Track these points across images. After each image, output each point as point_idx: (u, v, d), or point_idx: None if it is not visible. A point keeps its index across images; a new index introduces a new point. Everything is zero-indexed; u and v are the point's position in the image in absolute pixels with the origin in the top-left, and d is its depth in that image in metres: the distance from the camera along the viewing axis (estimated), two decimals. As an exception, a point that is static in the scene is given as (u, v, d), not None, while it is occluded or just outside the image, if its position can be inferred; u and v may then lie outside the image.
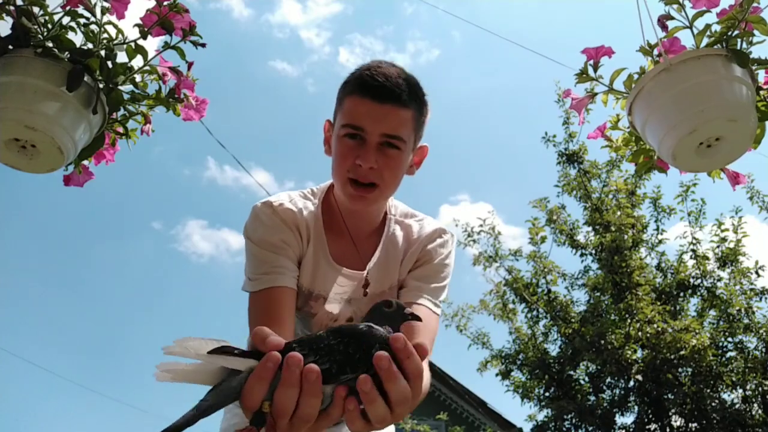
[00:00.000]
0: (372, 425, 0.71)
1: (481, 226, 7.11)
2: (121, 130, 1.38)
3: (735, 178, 1.43)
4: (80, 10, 1.18)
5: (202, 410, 0.66)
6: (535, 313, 6.90)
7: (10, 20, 1.15)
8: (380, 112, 1.18)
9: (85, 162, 1.38)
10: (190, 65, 1.35)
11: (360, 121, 1.19)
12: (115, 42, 1.22)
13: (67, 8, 1.16)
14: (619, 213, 6.47)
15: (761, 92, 1.28)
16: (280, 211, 1.27)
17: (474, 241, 7.10)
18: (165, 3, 1.21)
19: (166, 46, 1.27)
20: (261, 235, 1.25)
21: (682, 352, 5.85)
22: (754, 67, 1.24)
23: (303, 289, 1.32)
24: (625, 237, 6.35)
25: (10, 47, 1.15)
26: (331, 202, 1.35)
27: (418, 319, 0.80)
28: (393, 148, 1.20)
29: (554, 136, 6.89)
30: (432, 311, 1.31)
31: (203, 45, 1.28)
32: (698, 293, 6.56)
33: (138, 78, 1.30)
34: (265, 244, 1.24)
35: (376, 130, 1.18)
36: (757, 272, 6.24)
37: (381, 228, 1.38)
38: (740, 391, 6.13)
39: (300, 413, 0.68)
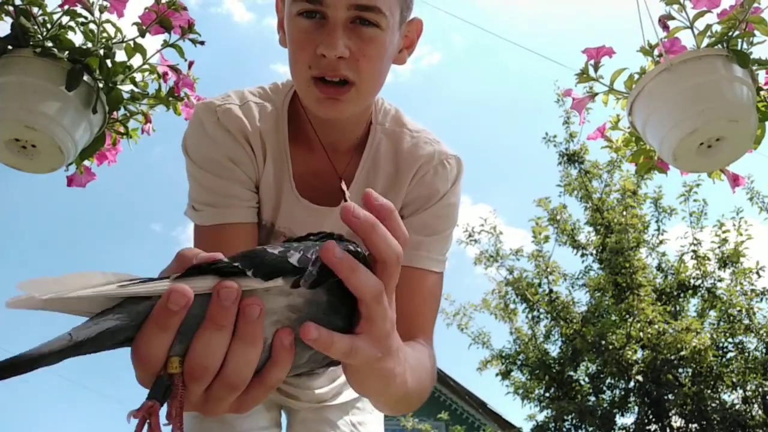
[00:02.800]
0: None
1: (482, 225, 7.12)
2: (122, 129, 1.37)
3: (735, 180, 1.43)
4: (79, 9, 1.18)
5: (75, 343, 0.41)
6: (536, 313, 6.90)
7: (9, 20, 1.15)
8: None
9: (87, 162, 1.38)
10: (190, 64, 1.35)
11: None
12: (114, 41, 1.22)
13: (66, 7, 1.16)
14: (624, 213, 6.47)
15: (762, 92, 1.28)
16: (225, 118, 0.93)
17: (475, 240, 7.11)
18: (163, 1, 1.21)
19: (165, 44, 1.27)
20: (202, 152, 0.93)
21: (683, 353, 5.85)
22: (754, 68, 1.24)
23: (264, 222, 1.00)
24: (629, 237, 6.36)
25: (10, 47, 1.15)
26: (298, 105, 1.00)
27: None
28: (370, 26, 0.84)
29: (555, 137, 6.91)
30: (434, 273, 0.98)
31: (202, 43, 1.28)
32: (699, 294, 6.56)
33: (138, 77, 1.30)
34: (207, 164, 0.93)
35: (342, 0, 0.82)
36: (757, 273, 6.24)
37: (364, 140, 1.01)
38: (740, 391, 6.13)
39: (228, 373, 0.45)
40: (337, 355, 0.47)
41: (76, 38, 1.20)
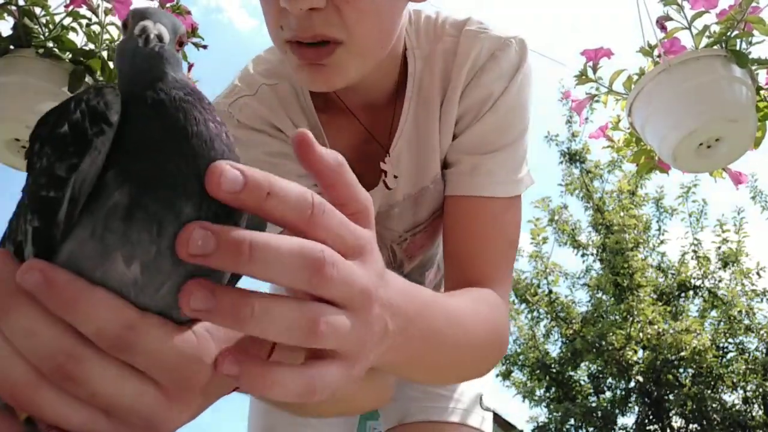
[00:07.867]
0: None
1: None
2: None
3: (737, 178, 1.44)
4: (82, 10, 1.18)
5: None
6: (536, 313, 6.90)
7: (11, 20, 1.15)
8: None
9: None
10: (190, 67, 1.35)
11: None
12: (117, 43, 1.23)
13: (70, 8, 1.16)
14: (622, 214, 6.47)
15: (762, 92, 1.29)
16: (244, 116, 0.77)
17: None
18: (168, 5, 1.21)
19: (168, 46, 1.27)
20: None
21: (683, 353, 5.84)
22: (753, 67, 1.24)
23: None
24: (627, 237, 6.36)
25: (12, 47, 1.15)
26: None
27: None
28: None
29: (557, 136, 6.92)
30: (500, 199, 0.76)
31: (205, 47, 1.28)
32: (699, 294, 6.56)
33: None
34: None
35: None
36: (758, 273, 6.24)
37: (404, 77, 0.80)
38: (741, 392, 6.12)
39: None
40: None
41: (78, 39, 1.21)
